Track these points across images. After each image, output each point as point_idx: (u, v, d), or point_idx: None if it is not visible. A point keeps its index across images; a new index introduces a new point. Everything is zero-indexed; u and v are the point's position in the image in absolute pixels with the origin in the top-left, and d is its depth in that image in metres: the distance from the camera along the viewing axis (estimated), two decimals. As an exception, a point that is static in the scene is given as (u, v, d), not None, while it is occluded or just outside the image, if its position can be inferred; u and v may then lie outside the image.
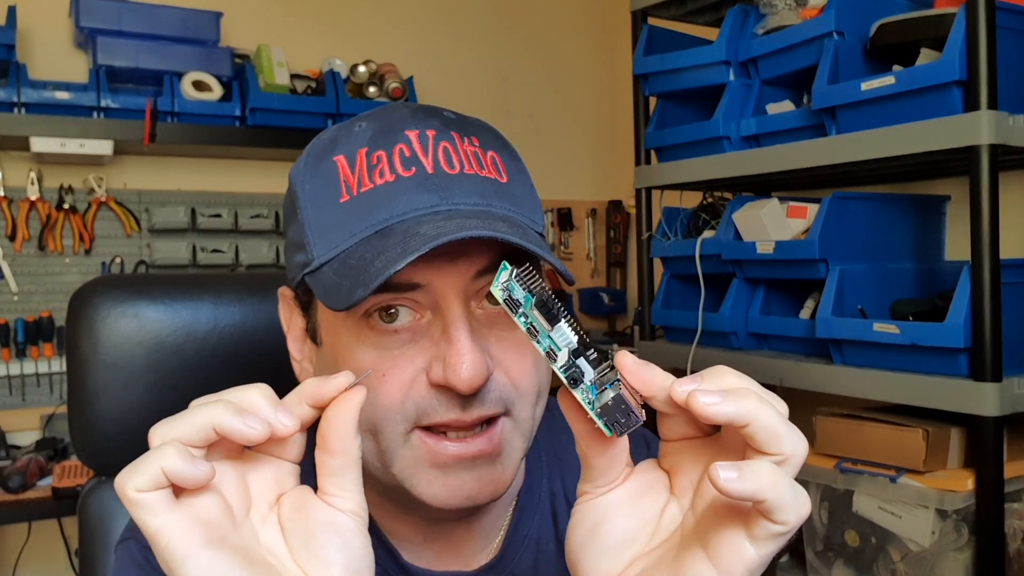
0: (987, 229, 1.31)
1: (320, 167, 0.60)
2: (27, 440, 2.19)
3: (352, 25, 2.77)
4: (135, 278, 0.90)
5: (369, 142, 0.58)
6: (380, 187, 0.57)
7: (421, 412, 0.57)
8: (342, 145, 0.59)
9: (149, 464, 0.43)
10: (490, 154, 0.60)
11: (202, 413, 0.45)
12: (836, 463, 1.54)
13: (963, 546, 1.39)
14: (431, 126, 0.59)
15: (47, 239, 2.29)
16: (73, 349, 0.84)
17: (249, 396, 0.47)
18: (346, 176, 0.58)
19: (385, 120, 0.60)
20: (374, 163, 0.57)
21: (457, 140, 0.59)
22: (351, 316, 0.58)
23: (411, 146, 0.58)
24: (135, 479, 0.43)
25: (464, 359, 0.54)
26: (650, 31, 1.99)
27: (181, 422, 0.45)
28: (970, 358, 1.35)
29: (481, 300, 0.58)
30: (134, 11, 2.29)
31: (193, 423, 0.44)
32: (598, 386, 0.45)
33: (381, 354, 0.57)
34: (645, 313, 2.01)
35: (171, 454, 0.43)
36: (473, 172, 0.58)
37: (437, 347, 0.56)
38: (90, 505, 0.86)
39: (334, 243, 0.57)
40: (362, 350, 0.57)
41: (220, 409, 0.45)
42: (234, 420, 0.44)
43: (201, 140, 2.33)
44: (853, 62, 1.58)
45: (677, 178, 1.90)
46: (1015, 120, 1.33)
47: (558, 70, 3.12)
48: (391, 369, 0.57)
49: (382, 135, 0.59)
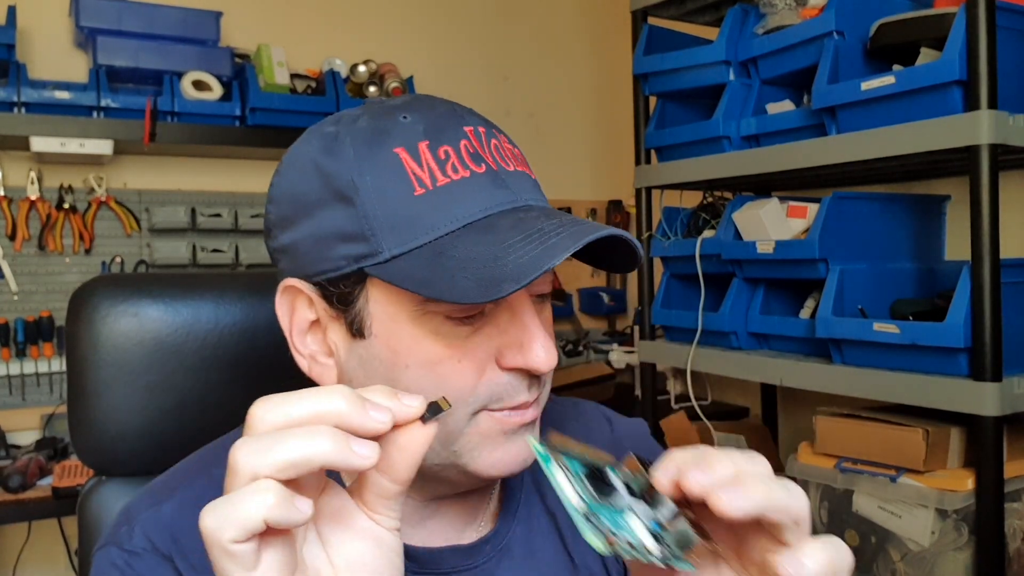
0: (987, 229, 1.31)
1: (379, 158, 0.59)
2: (27, 440, 2.19)
3: (352, 25, 2.77)
4: (135, 277, 0.89)
5: (426, 135, 0.59)
6: (457, 182, 0.58)
7: (494, 396, 0.60)
8: (396, 136, 0.59)
9: (247, 510, 0.40)
10: (518, 151, 0.65)
11: (299, 445, 0.41)
12: (836, 463, 1.54)
13: (963, 546, 1.39)
14: (480, 122, 0.63)
15: (47, 239, 2.29)
16: (73, 348, 0.84)
17: (338, 412, 0.43)
18: (413, 169, 0.58)
19: (431, 113, 0.61)
20: (443, 157, 0.59)
21: (499, 136, 0.63)
22: (419, 307, 0.59)
23: (471, 142, 0.60)
24: (232, 529, 0.40)
25: (540, 342, 0.59)
26: (650, 31, 1.99)
27: (275, 452, 0.41)
28: (970, 358, 1.35)
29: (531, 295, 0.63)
30: (134, 11, 2.29)
31: (289, 456, 0.41)
32: (672, 536, 0.48)
33: (450, 343, 0.59)
34: (645, 313, 2.01)
35: (271, 501, 0.40)
36: (521, 170, 0.63)
37: (506, 334, 0.60)
38: (90, 505, 0.85)
39: (412, 235, 0.57)
40: (430, 340, 0.59)
41: (323, 442, 0.41)
42: (342, 454, 0.42)
43: (201, 140, 2.33)
44: (853, 62, 1.58)
45: (677, 178, 1.90)
46: (1015, 120, 1.33)
47: (558, 70, 3.12)
48: (464, 356, 0.59)
49: (440, 129, 0.60)
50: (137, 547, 0.62)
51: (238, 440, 0.42)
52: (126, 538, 0.62)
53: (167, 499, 0.64)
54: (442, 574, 0.66)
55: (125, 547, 0.62)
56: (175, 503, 0.64)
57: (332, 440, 0.42)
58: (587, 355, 2.83)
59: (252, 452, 0.41)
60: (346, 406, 0.43)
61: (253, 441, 0.42)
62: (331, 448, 0.41)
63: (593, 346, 2.85)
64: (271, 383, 0.88)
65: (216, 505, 0.41)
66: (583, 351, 2.83)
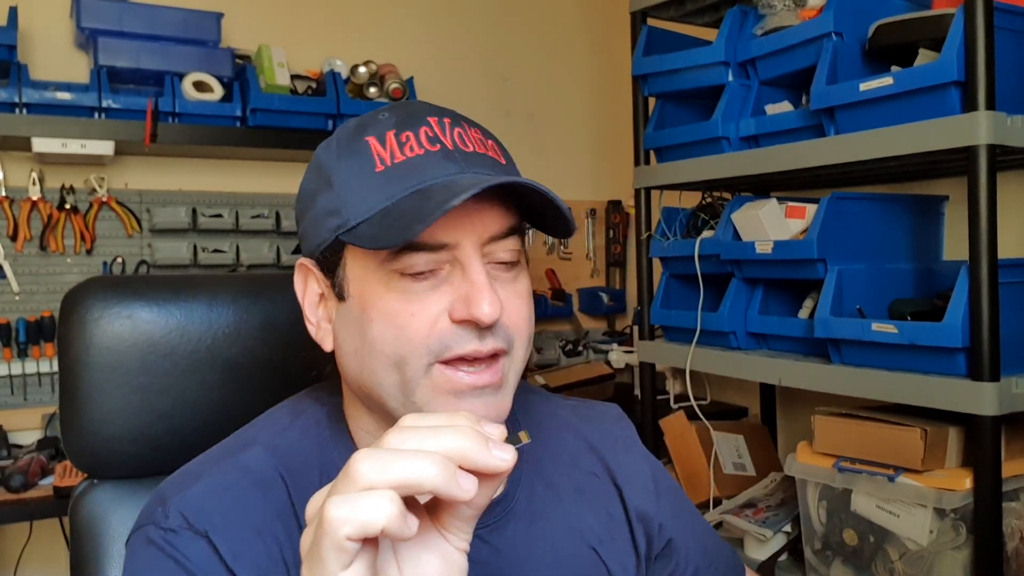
0: (985, 229, 1.31)
1: (352, 146, 0.70)
2: (29, 439, 2.20)
3: (352, 26, 2.78)
4: (128, 279, 0.89)
5: (396, 125, 0.69)
6: (411, 158, 0.67)
7: (444, 346, 0.67)
8: (370, 129, 0.70)
9: (372, 514, 0.45)
10: (490, 142, 0.72)
11: (414, 467, 0.46)
12: (834, 462, 1.54)
13: (961, 545, 1.40)
14: (447, 115, 0.71)
15: (48, 239, 2.30)
16: (65, 350, 0.84)
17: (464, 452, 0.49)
18: (379, 152, 0.68)
19: (406, 110, 0.71)
20: (403, 140, 0.68)
21: (467, 127, 0.71)
22: (382, 268, 0.67)
23: (433, 129, 0.69)
24: (351, 526, 0.45)
25: (485, 295, 0.65)
26: (649, 32, 1.99)
27: (392, 470, 0.46)
28: (968, 358, 1.35)
29: (489, 260, 0.69)
30: (135, 12, 2.29)
31: (404, 476, 0.46)
32: None
33: (408, 298, 0.67)
34: (644, 313, 2.01)
35: (394, 512, 0.45)
36: (484, 152, 0.70)
37: (458, 290, 0.67)
38: (82, 507, 0.85)
39: (371, 205, 0.67)
40: (391, 296, 0.68)
41: (433, 470, 0.46)
42: (448, 485, 0.47)
43: (202, 140, 2.33)
44: (852, 63, 1.58)
45: (676, 178, 1.91)
46: (1013, 120, 1.33)
47: (558, 70, 3.12)
48: (418, 310, 0.67)
49: (407, 120, 0.69)
50: (174, 525, 0.66)
51: (362, 450, 0.47)
52: (162, 517, 0.67)
53: (193, 483, 0.69)
54: None
55: (162, 525, 0.67)
56: (201, 487, 0.68)
57: (442, 470, 0.47)
58: (586, 355, 2.83)
59: (373, 464, 0.46)
60: (474, 446, 0.48)
61: (376, 454, 0.47)
62: (439, 477, 0.46)
63: (592, 346, 2.85)
64: (264, 385, 0.88)
65: (343, 500, 0.45)
66: (583, 351, 2.84)
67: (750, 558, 1.75)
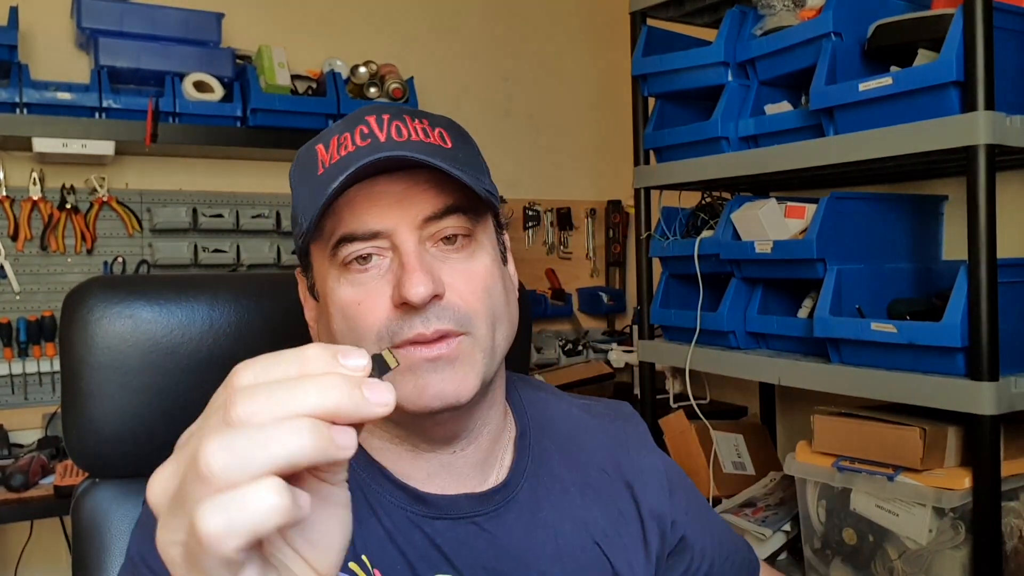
0: (984, 229, 1.31)
1: (305, 156, 0.74)
2: (29, 439, 2.20)
3: (353, 26, 2.78)
4: (129, 279, 0.89)
5: (339, 130, 0.72)
6: (344, 156, 0.69)
7: (392, 332, 0.68)
8: (321, 138, 0.73)
9: (256, 515, 0.35)
10: (438, 130, 0.72)
11: (284, 446, 0.36)
12: (834, 461, 1.55)
13: (960, 544, 1.40)
14: (387, 111, 0.72)
15: (49, 239, 2.30)
16: (67, 350, 0.84)
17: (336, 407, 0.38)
18: (322, 157, 0.71)
19: (355, 114, 0.73)
20: (342, 142, 0.70)
21: (408, 120, 0.72)
22: (334, 263, 0.70)
23: (369, 126, 0.70)
24: (237, 538, 0.35)
25: (413, 276, 0.66)
26: (649, 32, 1.99)
27: (270, 452, 0.36)
28: (967, 357, 1.35)
29: (436, 241, 0.70)
30: (135, 12, 2.30)
31: (285, 456, 0.36)
32: None
33: (356, 289, 0.70)
34: (644, 312, 2.02)
35: (281, 503, 0.35)
36: (419, 139, 0.70)
37: (397, 275, 0.68)
38: (83, 507, 0.85)
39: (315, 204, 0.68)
40: (342, 288, 0.70)
41: (308, 440, 0.37)
42: (326, 451, 0.37)
43: (202, 140, 2.34)
44: (851, 63, 1.58)
45: (676, 178, 1.91)
46: (1012, 120, 1.33)
47: (558, 70, 3.12)
48: (365, 299, 0.69)
49: (349, 123, 0.72)
50: None
51: (208, 439, 0.37)
52: None
53: None
54: (457, 518, 0.75)
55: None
56: None
57: (317, 438, 0.37)
58: (586, 354, 2.83)
59: (231, 456, 0.36)
60: (346, 399, 0.39)
61: (229, 440, 0.36)
62: (315, 448, 0.37)
63: (592, 345, 2.85)
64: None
65: (216, 507, 0.35)
66: (582, 350, 2.84)
67: (750, 557, 1.75)
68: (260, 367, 0.40)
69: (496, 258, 0.75)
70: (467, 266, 0.71)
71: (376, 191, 0.69)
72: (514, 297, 0.78)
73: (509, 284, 0.78)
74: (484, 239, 0.74)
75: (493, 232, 0.77)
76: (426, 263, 0.68)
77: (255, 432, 0.36)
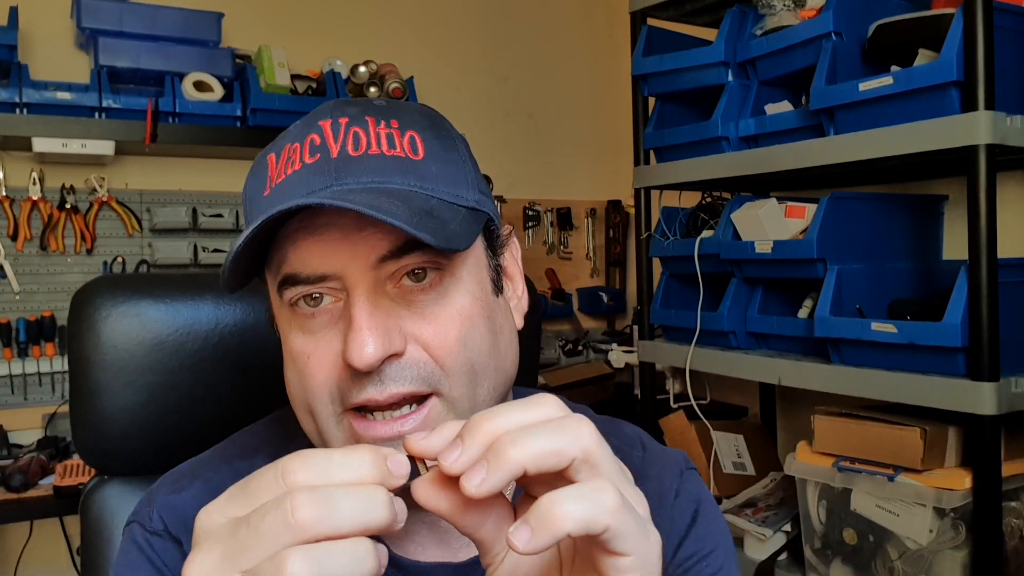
0: (984, 229, 1.31)
1: (256, 167, 0.63)
2: (29, 439, 2.20)
3: (353, 25, 2.78)
4: (136, 278, 0.90)
5: (293, 137, 0.61)
6: (289, 176, 0.59)
7: (342, 393, 0.58)
8: (277, 143, 0.62)
9: (345, 571, 0.37)
10: (408, 134, 0.60)
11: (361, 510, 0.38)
12: (834, 462, 1.55)
13: (960, 544, 1.40)
14: (346, 114, 0.60)
15: (49, 239, 2.30)
16: (75, 348, 0.84)
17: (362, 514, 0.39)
18: (271, 172, 0.60)
19: (310, 115, 0.62)
20: (290, 155, 0.59)
21: (371, 124, 0.60)
22: (283, 305, 0.60)
23: (322, 134, 0.59)
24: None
25: (357, 337, 0.55)
26: (649, 32, 1.99)
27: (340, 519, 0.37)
28: (967, 357, 1.35)
29: (398, 280, 0.58)
30: (135, 12, 2.30)
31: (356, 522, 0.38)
32: None
33: (307, 338, 0.59)
34: (644, 312, 2.02)
35: (371, 567, 0.37)
36: (378, 152, 0.59)
37: (345, 325, 0.57)
38: (92, 503, 0.86)
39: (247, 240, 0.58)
40: (293, 335, 0.60)
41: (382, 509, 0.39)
42: (392, 523, 0.39)
43: (202, 140, 2.34)
44: (851, 63, 1.58)
45: (676, 178, 1.91)
46: (1012, 120, 1.34)
47: (558, 70, 3.12)
48: (314, 353, 0.59)
49: (304, 128, 0.61)
50: (157, 528, 0.67)
51: (299, 491, 0.38)
52: (147, 519, 0.67)
53: (188, 486, 0.68)
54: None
55: (147, 527, 0.67)
56: (195, 491, 0.67)
57: (388, 509, 0.39)
58: (586, 355, 2.83)
59: (308, 566, 0.37)
60: (387, 515, 0.40)
61: (305, 552, 0.37)
62: (386, 519, 0.39)
63: (592, 345, 2.85)
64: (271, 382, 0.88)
65: (309, 555, 0.36)
66: (582, 351, 2.84)
67: (750, 558, 1.76)
68: (317, 467, 0.40)
69: (480, 292, 0.61)
70: (437, 310, 0.58)
71: (319, 223, 0.56)
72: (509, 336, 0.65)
73: (502, 321, 0.64)
74: (462, 271, 0.60)
75: (481, 257, 0.63)
76: (378, 316, 0.56)
77: (339, 492, 0.38)
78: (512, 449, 0.39)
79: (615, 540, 0.39)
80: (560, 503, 0.38)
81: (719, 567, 0.70)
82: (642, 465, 0.74)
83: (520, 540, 0.38)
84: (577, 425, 0.41)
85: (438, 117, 0.65)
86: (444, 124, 0.65)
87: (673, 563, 0.69)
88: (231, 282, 0.59)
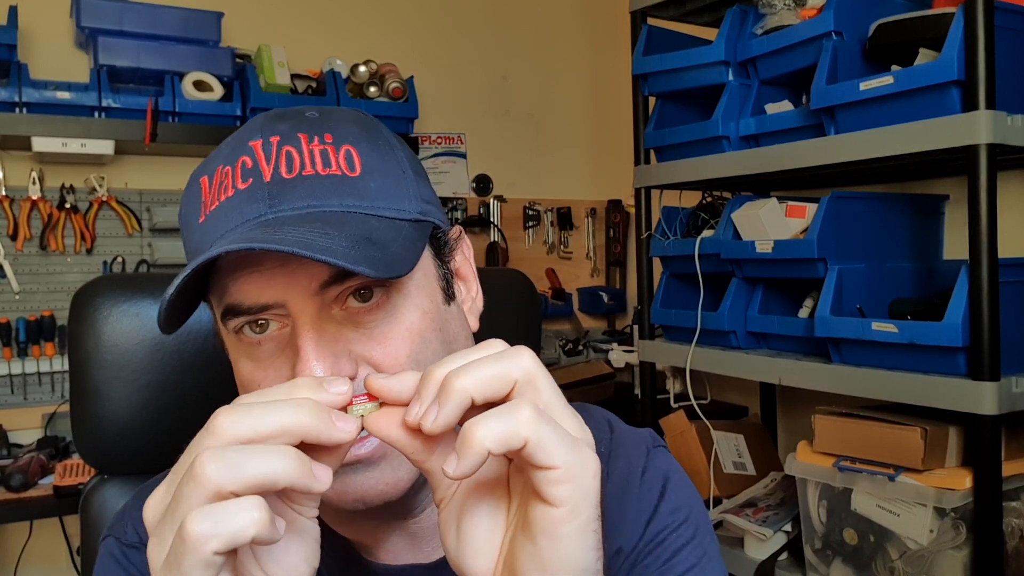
0: (985, 228, 1.31)
1: (190, 188, 0.60)
2: (29, 439, 2.20)
3: (352, 25, 2.78)
4: (137, 277, 0.90)
5: (224, 158, 0.59)
6: (223, 203, 0.57)
7: None
8: (209, 163, 0.60)
9: (238, 523, 0.39)
10: (344, 149, 0.58)
11: (267, 465, 0.41)
12: (835, 462, 1.55)
13: (961, 544, 1.40)
14: (277, 132, 0.58)
15: (49, 238, 2.29)
16: (75, 348, 0.84)
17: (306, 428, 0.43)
18: (205, 197, 0.58)
19: (241, 132, 0.60)
20: (223, 179, 0.58)
21: (304, 141, 0.58)
22: (228, 332, 0.59)
23: (253, 156, 0.57)
24: (219, 540, 0.39)
25: (306, 368, 0.54)
26: (649, 31, 1.99)
27: (244, 470, 0.40)
28: (968, 357, 1.35)
29: (344, 301, 0.57)
30: (135, 11, 2.29)
31: (257, 476, 0.40)
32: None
33: (255, 365, 0.58)
34: (644, 312, 2.02)
35: (261, 518, 0.40)
36: (313, 173, 0.57)
37: (292, 358, 0.57)
38: (92, 503, 0.87)
39: (182, 276, 0.56)
40: (242, 362, 0.59)
41: (289, 465, 0.41)
42: (304, 479, 0.42)
43: (202, 140, 2.33)
44: (852, 62, 1.58)
45: (676, 178, 1.91)
46: (1013, 120, 1.34)
47: (558, 70, 3.12)
48: (264, 380, 0.58)
49: (233, 149, 0.59)
50: (132, 541, 0.67)
51: (204, 450, 0.41)
52: (122, 532, 0.68)
53: None
54: None
55: (123, 541, 0.67)
56: None
57: (298, 464, 0.41)
58: (587, 354, 2.83)
59: (222, 466, 0.40)
60: (315, 421, 0.43)
61: (220, 454, 0.40)
62: (295, 471, 0.41)
63: (592, 345, 2.85)
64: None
65: (204, 514, 0.39)
66: (582, 350, 2.84)
67: (750, 558, 1.76)
68: (257, 393, 0.45)
69: (431, 305, 0.60)
70: (386, 329, 0.57)
71: (257, 254, 0.55)
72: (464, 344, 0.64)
73: (456, 329, 0.63)
74: (410, 286, 0.59)
75: (430, 268, 0.62)
76: (325, 343, 0.55)
77: (244, 450, 0.41)
78: (457, 380, 0.43)
79: (537, 452, 0.42)
80: (479, 425, 0.41)
81: (691, 536, 0.70)
82: (610, 446, 0.75)
83: (450, 466, 0.42)
84: (518, 351, 0.44)
85: (374, 125, 0.63)
86: (381, 132, 0.63)
87: (643, 539, 0.69)
88: (168, 325, 0.56)
